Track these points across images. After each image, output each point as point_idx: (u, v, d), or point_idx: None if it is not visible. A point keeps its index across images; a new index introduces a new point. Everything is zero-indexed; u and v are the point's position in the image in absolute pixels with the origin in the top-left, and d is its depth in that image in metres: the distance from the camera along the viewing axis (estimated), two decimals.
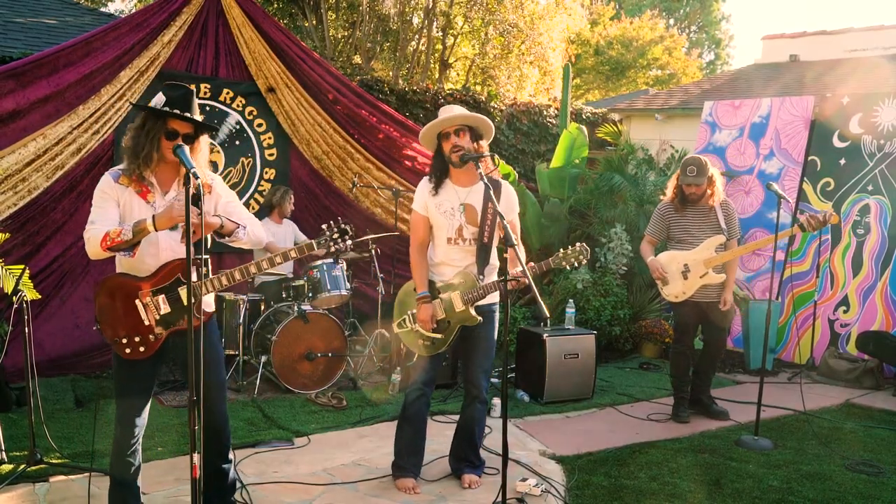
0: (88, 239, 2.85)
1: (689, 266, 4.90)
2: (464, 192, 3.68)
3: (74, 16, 8.62)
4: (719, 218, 4.92)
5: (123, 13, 12.97)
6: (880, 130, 6.83)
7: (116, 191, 2.89)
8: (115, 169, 2.97)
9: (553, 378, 5.38)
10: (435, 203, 3.68)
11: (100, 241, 2.81)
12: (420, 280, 3.70)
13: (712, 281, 4.89)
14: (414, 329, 3.74)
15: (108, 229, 2.81)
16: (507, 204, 3.72)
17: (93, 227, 2.85)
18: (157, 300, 2.93)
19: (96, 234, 2.82)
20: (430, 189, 3.69)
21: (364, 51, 13.63)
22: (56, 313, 5.65)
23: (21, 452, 3.95)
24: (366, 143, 6.77)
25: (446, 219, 3.66)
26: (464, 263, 3.69)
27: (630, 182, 8.01)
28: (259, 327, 5.67)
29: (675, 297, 4.98)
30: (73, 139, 5.47)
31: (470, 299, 3.62)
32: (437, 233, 3.72)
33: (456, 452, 3.98)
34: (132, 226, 2.80)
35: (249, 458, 4.14)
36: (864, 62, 8.88)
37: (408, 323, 3.77)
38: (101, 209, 2.89)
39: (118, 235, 2.80)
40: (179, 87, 2.94)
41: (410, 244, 3.78)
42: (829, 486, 3.95)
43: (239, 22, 6.19)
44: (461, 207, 3.66)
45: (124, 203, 2.90)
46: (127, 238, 2.80)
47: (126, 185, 2.90)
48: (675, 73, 23.10)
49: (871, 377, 6.15)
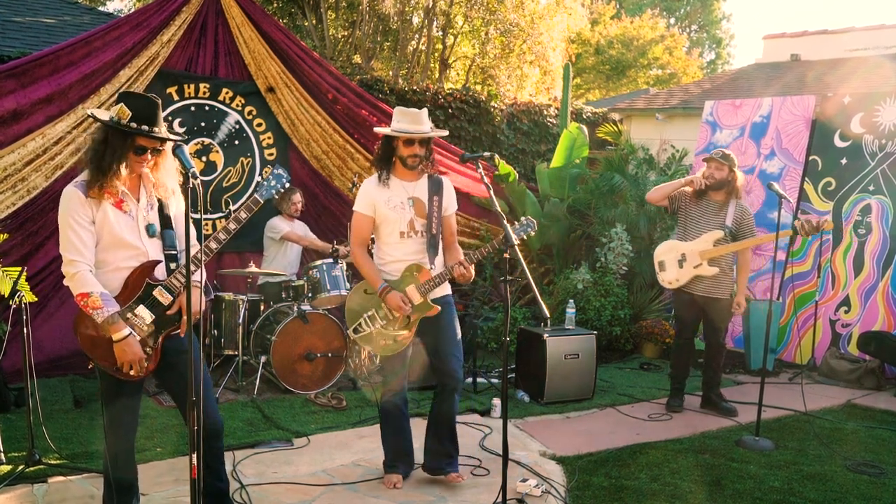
0: (73, 276, 2.73)
1: (686, 255, 5.15)
2: (410, 186, 3.76)
3: (73, 15, 8.61)
4: (728, 216, 5.08)
5: (122, 12, 12.95)
6: (882, 130, 6.82)
7: (89, 207, 2.77)
8: (80, 181, 2.80)
9: (553, 378, 5.37)
10: (384, 199, 3.70)
11: (79, 292, 2.72)
12: (373, 274, 3.70)
13: (704, 273, 5.10)
14: (374, 330, 3.74)
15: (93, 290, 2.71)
16: (450, 198, 3.86)
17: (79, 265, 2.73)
18: (138, 312, 2.85)
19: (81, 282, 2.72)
20: (378, 186, 3.72)
21: (364, 50, 13.62)
22: (55, 314, 5.64)
23: (19, 453, 3.94)
24: (366, 142, 6.76)
25: (397, 213, 3.70)
26: (418, 256, 3.73)
27: (630, 182, 7.99)
28: (259, 327, 5.66)
29: (669, 284, 5.29)
30: (72, 139, 5.46)
31: (425, 290, 3.67)
32: (385, 229, 3.73)
33: (434, 449, 3.90)
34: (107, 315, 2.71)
35: (249, 458, 4.13)
36: (865, 62, 8.87)
37: (365, 326, 3.75)
38: (79, 232, 2.75)
39: (94, 310, 2.71)
40: (142, 98, 2.79)
41: (353, 246, 3.80)
42: (830, 487, 3.94)
43: (238, 21, 6.18)
44: (410, 201, 3.73)
45: (100, 219, 2.78)
46: (95, 319, 2.72)
47: (97, 199, 2.77)
48: (676, 73, 23.08)
49: (872, 378, 6.13)
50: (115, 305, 2.77)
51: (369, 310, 3.75)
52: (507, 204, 7.76)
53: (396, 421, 3.88)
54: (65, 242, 2.76)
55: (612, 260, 7.45)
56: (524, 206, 7.61)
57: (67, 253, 2.75)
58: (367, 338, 3.78)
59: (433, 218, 3.75)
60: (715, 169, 5.09)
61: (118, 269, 2.84)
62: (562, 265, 7.84)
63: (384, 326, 3.73)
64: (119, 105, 2.73)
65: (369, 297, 3.75)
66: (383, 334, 3.73)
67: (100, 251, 2.83)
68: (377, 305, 3.73)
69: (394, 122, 3.71)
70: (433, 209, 3.76)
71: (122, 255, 2.84)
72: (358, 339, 3.80)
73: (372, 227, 3.76)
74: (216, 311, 5.67)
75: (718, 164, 5.08)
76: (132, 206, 2.87)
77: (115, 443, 2.94)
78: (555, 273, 7.83)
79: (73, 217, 2.75)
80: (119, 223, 2.81)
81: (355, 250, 3.78)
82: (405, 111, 3.72)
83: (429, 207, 3.75)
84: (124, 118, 2.72)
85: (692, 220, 5.19)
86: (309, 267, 5.73)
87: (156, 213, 2.95)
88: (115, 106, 2.76)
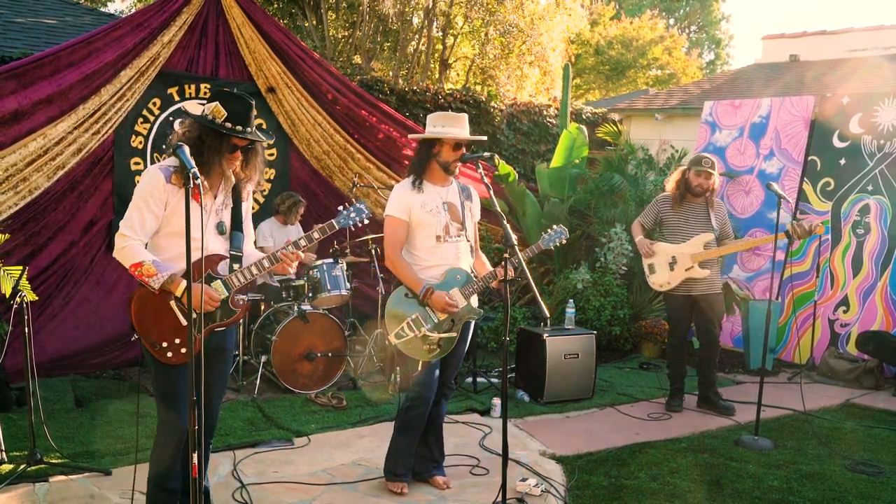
0: (122, 248, 2.78)
1: (677, 258, 5.18)
2: (443, 192, 3.72)
3: (74, 16, 8.62)
4: (712, 218, 5.17)
5: (123, 13, 12.97)
6: (880, 130, 6.83)
7: (167, 192, 2.80)
8: (166, 166, 2.85)
9: (553, 378, 5.38)
10: (420, 203, 3.64)
11: (131, 262, 2.76)
12: (414, 277, 3.61)
13: (696, 275, 5.14)
14: (419, 335, 3.60)
15: (144, 258, 2.75)
16: (477, 206, 3.91)
17: (130, 240, 2.78)
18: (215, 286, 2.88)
19: (131, 253, 2.76)
20: (413, 191, 3.66)
21: (364, 51, 13.62)
22: (58, 314, 5.65)
23: (21, 452, 3.95)
24: (366, 143, 6.78)
25: (434, 217, 3.64)
26: (454, 260, 3.69)
27: (630, 182, 8.01)
28: (259, 327, 5.68)
29: (660, 286, 5.30)
30: (73, 139, 5.47)
31: (468, 293, 3.65)
32: (421, 233, 3.66)
33: (421, 454, 3.88)
34: (164, 278, 2.75)
35: (249, 457, 4.14)
36: (864, 62, 8.88)
37: (408, 331, 3.60)
38: (144, 213, 2.80)
39: (149, 277, 2.74)
40: (238, 100, 2.84)
41: (389, 251, 3.66)
42: (829, 486, 3.95)
43: (239, 22, 6.19)
44: (444, 205, 3.69)
45: (173, 205, 2.81)
46: (153, 286, 2.76)
47: (177, 186, 2.80)
48: (675, 73, 23.09)
49: (870, 377, 6.15)
50: (169, 269, 2.79)
51: (412, 314, 3.61)
52: (507, 204, 7.77)
53: (419, 432, 3.77)
54: (128, 216, 2.81)
55: (611, 260, 7.47)
56: (524, 207, 7.62)
57: (124, 227, 2.80)
58: (409, 343, 3.61)
59: (467, 223, 3.73)
60: (704, 178, 5.10)
61: (180, 258, 2.79)
62: (561, 265, 7.85)
63: (430, 330, 3.61)
64: (214, 104, 2.78)
65: (410, 300, 3.63)
66: (428, 339, 3.61)
67: (163, 237, 2.87)
68: (420, 309, 3.62)
69: (437, 126, 3.63)
70: (466, 214, 3.74)
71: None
72: (400, 344, 3.62)
73: (406, 231, 3.67)
74: None
75: (708, 174, 5.10)
76: (208, 202, 2.91)
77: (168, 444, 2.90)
78: (554, 273, 7.84)
79: (146, 198, 2.79)
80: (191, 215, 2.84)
81: (393, 255, 3.65)
82: (446, 115, 3.67)
83: (462, 213, 3.73)
84: (219, 118, 2.77)
85: (676, 224, 5.24)
86: (309, 267, 5.74)
87: (229, 213, 3.00)
88: (210, 104, 2.79)
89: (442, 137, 3.60)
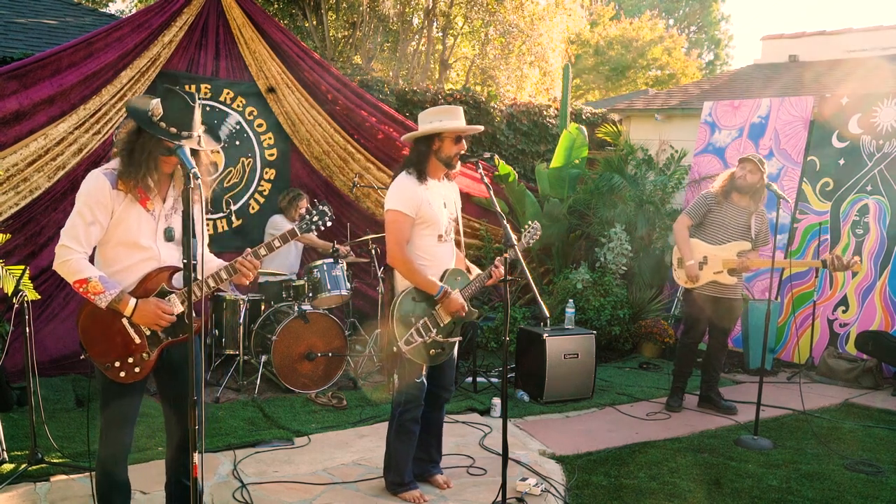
0: (65, 262, 2.58)
1: (708, 259, 5.09)
2: (442, 188, 3.63)
3: (75, 16, 8.62)
4: (752, 226, 5.07)
5: (124, 14, 12.97)
6: (879, 131, 6.84)
7: (113, 199, 2.62)
8: (109, 170, 2.65)
9: (553, 378, 5.39)
10: (427, 199, 3.47)
11: (75, 279, 2.57)
12: (427, 279, 3.46)
13: (724, 280, 5.06)
14: (428, 340, 3.50)
15: (90, 275, 2.57)
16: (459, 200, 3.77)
17: (74, 253, 2.58)
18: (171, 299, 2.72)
19: (76, 268, 2.57)
20: (420, 186, 3.48)
21: (364, 51, 13.63)
22: (58, 314, 5.65)
23: (22, 452, 3.96)
24: (366, 143, 6.78)
25: (440, 215, 3.53)
26: (448, 261, 3.62)
27: (630, 182, 8.02)
28: (259, 327, 5.68)
29: (685, 283, 5.20)
30: (74, 139, 5.48)
31: (468, 294, 3.60)
32: (425, 231, 3.51)
33: (420, 457, 3.83)
34: (112, 296, 2.57)
35: (249, 457, 4.15)
36: (863, 62, 8.89)
37: (417, 336, 3.47)
38: (87, 223, 2.60)
39: (96, 295, 2.56)
40: (179, 99, 2.63)
41: (395, 249, 3.46)
42: (828, 486, 3.96)
43: (239, 22, 6.20)
44: (444, 204, 3.60)
45: (120, 212, 2.64)
46: (99, 305, 2.58)
47: (123, 192, 2.63)
48: (675, 74, 23.11)
49: (870, 377, 6.16)
50: (116, 286, 2.62)
51: (421, 318, 3.50)
52: (507, 204, 7.78)
53: (416, 434, 3.69)
54: (70, 226, 2.62)
55: (611, 260, 7.48)
56: (524, 207, 7.63)
57: (67, 237, 2.61)
58: (418, 349, 3.49)
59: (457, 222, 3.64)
60: (749, 171, 5.01)
61: (129, 270, 2.70)
62: (561, 265, 7.86)
63: (437, 334, 3.53)
64: (156, 101, 2.59)
65: (418, 303, 3.50)
66: (435, 343, 3.53)
67: (111, 247, 2.70)
68: (428, 313, 3.52)
69: (433, 121, 3.48)
70: (458, 213, 3.67)
71: (136, 256, 2.71)
72: (409, 350, 3.47)
73: (411, 228, 3.48)
74: (217, 310, 5.68)
75: (754, 167, 5.00)
76: (156, 206, 2.74)
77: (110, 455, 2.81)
78: (554, 273, 7.85)
79: (91, 206, 2.61)
80: (139, 222, 2.68)
81: (400, 254, 3.46)
82: (441, 108, 3.54)
83: (456, 212, 3.66)
84: (156, 116, 2.57)
85: (716, 224, 5.12)
86: (310, 267, 5.75)
87: (178, 218, 2.79)
88: (154, 100, 2.60)
89: (442, 132, 3.46)
